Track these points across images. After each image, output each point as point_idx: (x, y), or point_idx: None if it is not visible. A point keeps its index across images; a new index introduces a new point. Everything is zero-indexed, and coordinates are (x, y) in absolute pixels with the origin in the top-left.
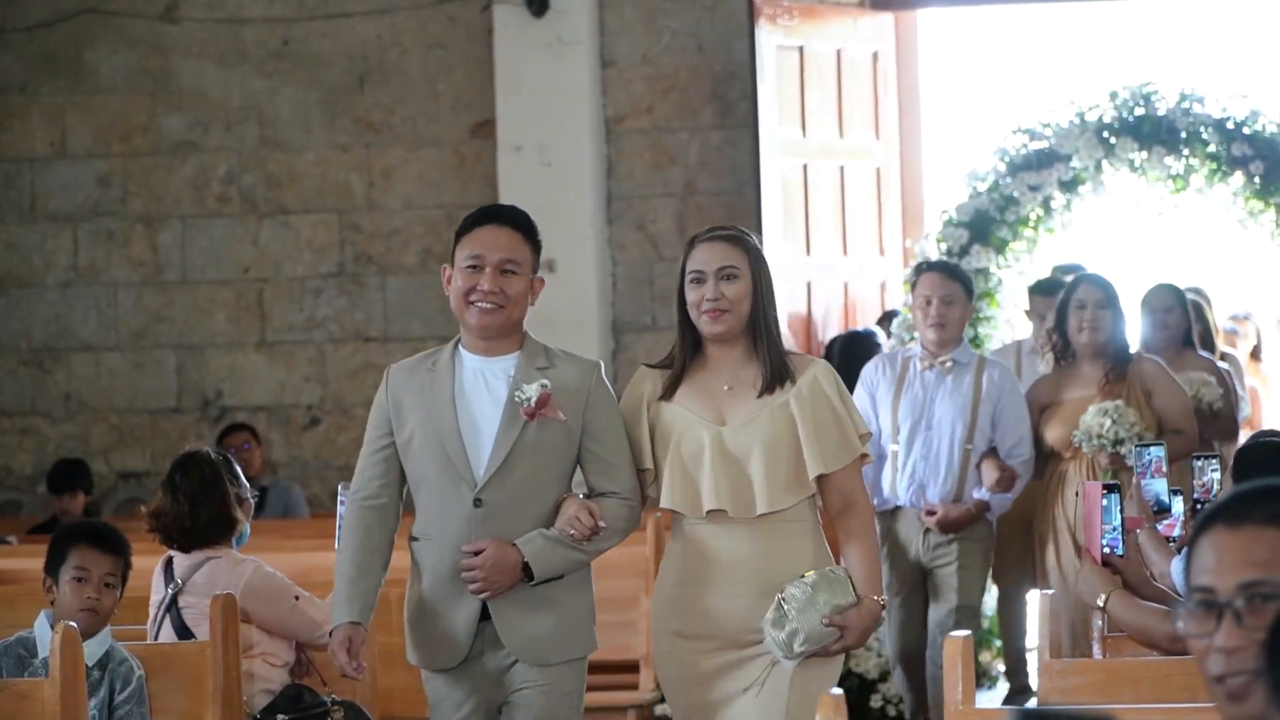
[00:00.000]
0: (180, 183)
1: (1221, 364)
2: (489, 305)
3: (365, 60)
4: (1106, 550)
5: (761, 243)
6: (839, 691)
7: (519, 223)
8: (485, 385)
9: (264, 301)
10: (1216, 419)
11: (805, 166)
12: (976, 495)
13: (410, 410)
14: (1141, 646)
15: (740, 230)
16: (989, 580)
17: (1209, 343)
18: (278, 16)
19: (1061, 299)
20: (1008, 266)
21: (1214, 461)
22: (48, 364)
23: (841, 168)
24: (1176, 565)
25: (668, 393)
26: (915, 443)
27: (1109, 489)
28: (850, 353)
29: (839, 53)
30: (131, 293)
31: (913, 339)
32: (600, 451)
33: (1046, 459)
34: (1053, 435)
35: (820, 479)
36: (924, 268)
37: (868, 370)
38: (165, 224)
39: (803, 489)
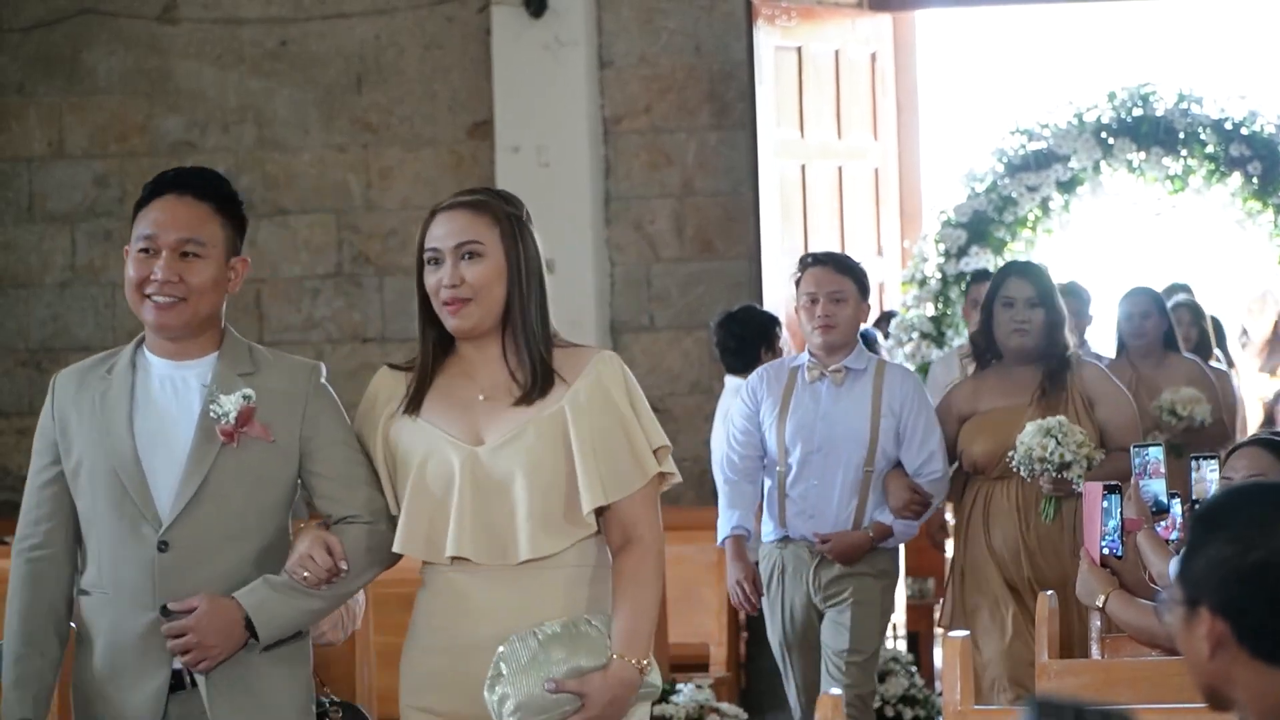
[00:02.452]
0: None
1: (1216, 364)
2: (166, 298)
3: (362, 61)
4: (1105, 551)
5: (758, 246)
6: (837, 692)
7: (207, 190)
8: (174, 397)
9: (262, 302)
10: (1201, 432)
11: (803, 167)
12: (878, 518)
13: (77, 430)
14: (1142, 646)
15: (494, 194)
16: (889, 624)
17: (1206, 347)
18: (275, 17)
19: (988, 294)
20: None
21: (1212, 462)
22: (45, 364)
23: (839, 168)
24: (1175, 566)
25: (410, 405)
26: (806, 466)
27: (1110, 490)
28: None
29: (837, 53)
30: None
31: (911, 340)
32: (325, 472)
33: (966, 480)
34: (975, 451)
35: (605, 506)
36: (808, 261)
37: (751, 382)
38: None
39: (580, 525)
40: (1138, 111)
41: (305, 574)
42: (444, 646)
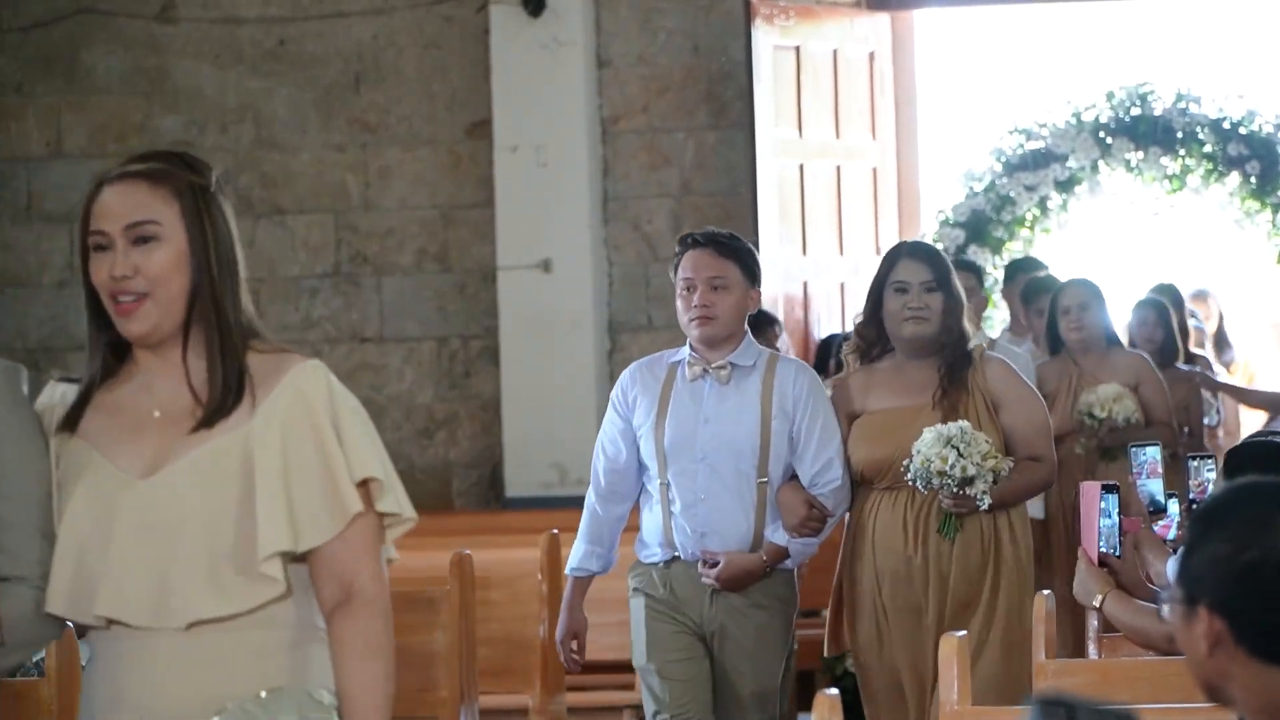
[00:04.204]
0: None
1: (1190, 366)
2: None
3: (361, 60)
4: (1103, 551)
5: (757, 246)
6: (834, 691)
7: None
8: None
9: (260, 302)
10: (1128, 431)
11: (801, 166)
12: (772, 539)
13: None
14: (1138, 647)
15: (175, 158)
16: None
17: (1171, 349)
18: (273, 16)
19: (876, 278)
20: (1004, 267)
21: (1209, 461)
22: (44, 364)
23: (838, 168)
24: (1173, 567)
25: (66, 422)
26: (690, 478)
27: (1108, 489)
28: None
29: (835, 53)
30: None
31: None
32: None
33: (853, 488)
34: (862, 456)
35: (310, 555)
36: (688, 242)
37: (622, 382)
38: None
39: (268, 579)
40: (1136, 111)
41: None
42: None
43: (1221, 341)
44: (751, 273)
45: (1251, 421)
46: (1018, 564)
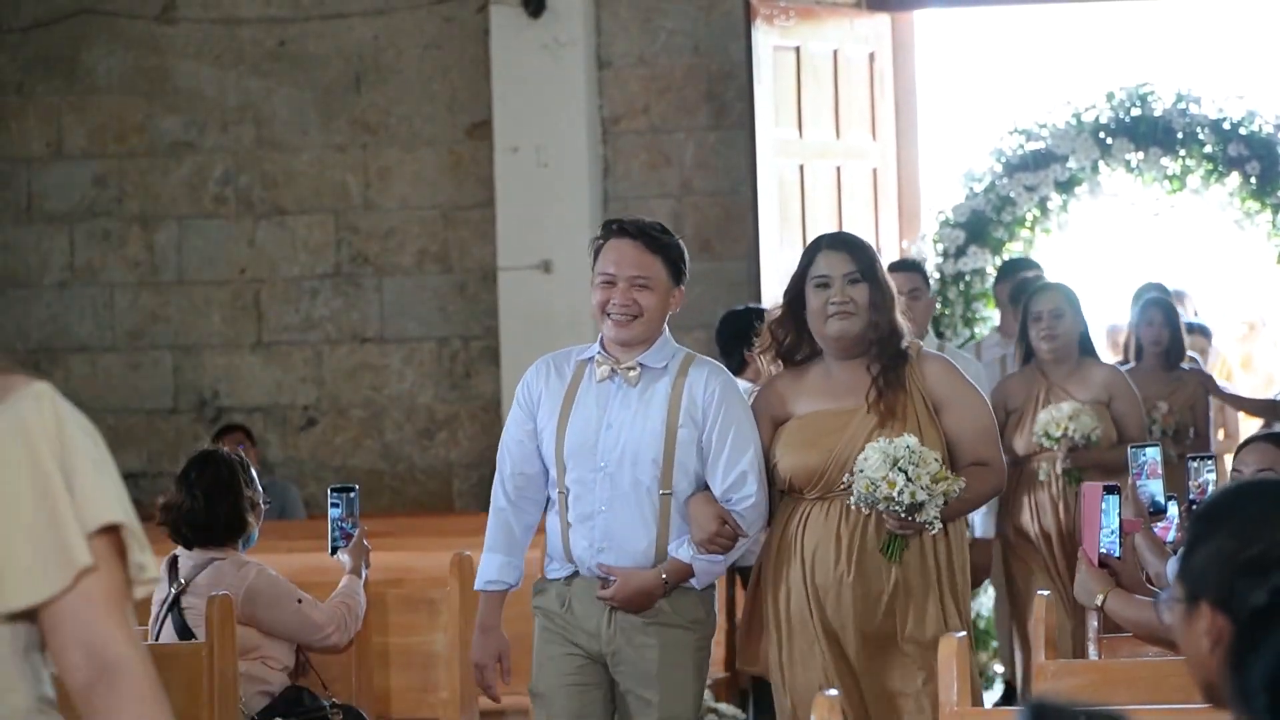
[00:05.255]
0: (176, 183)
1: (1187, 367)
2: None
3: (361, 61)
4: (1104, 552)
5: (758, 244)
6: (834, 692)
7: None
8: None
9: (260, 302)
10: (1104, 450)
11: (801, 167)
12: (676, 554)
13: None
14: (1144, 644)
15: None
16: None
17: (1178, 350)
18: (274, 17)
19: (795, 273)
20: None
21: (1209, 463)
22: (44, 364)
23: (838, 168)
24: (1173, 567)
25: None
26: (590, 487)
27: (1108, 490)
28: None
29: (835, 53)
30: (128, 293)
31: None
32: None
33: (780, 499)
34: (790, 464)
35: (42, 615)
36: (613, 229)
37: (527, 378)
38: (161, 224)
39: None
40: (1136, 111)
41: None
42: None
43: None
44: (678, 270)
45: (1250, 424)
46: (952, 587)
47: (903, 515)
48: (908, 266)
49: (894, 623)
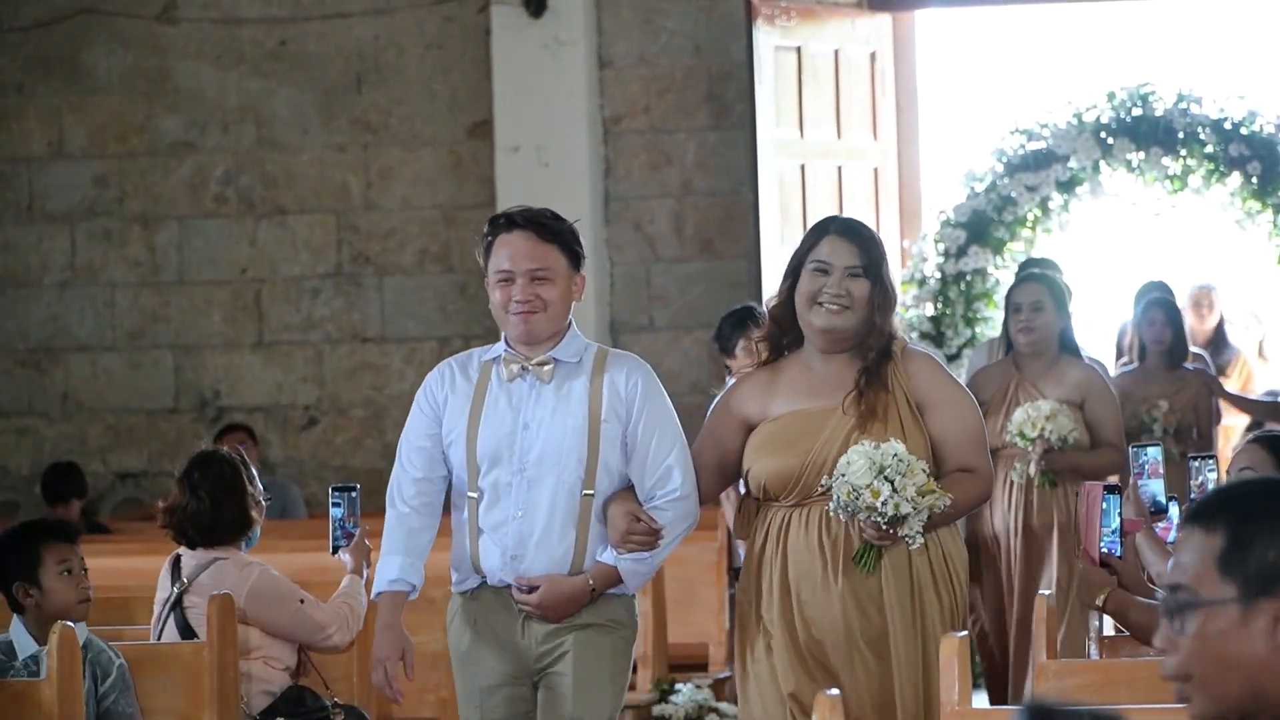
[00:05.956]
0: (177, 183)
1: (1189, 366)
2: None
3: (362, 61)
4: (1105, 552)
5: (759, 244)
6: (835, 692)
7: None
8: None
9: (261, 302)
10: (1078, 454)
11: (803, 167)
12: (600, 559)
13: None
14: (1144, 644)
15: None
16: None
17: (1181, 350)
18: (274, 17)
19: (797, 252)
20: (1005, 267)
21: (1210, 462)
22: (45, 364)
23: (839, 168)
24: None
25: None
26: (505, 491)
27: (1109, 490)
28: None
29: (836, 53)
30: (128, 293)
31: (910, 340)
32: None
33: (756, 506)
34: (765, 468)
35: None
36: (500, 223)
37: (430, 381)
38: (162, 224)
39: None
40: (1137, 111)
41: None
42: None
43: (1221, 341)
44: (576, 256)
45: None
46: (942, 601)
47: (884, 527)
48: None
49: (886, 629)
